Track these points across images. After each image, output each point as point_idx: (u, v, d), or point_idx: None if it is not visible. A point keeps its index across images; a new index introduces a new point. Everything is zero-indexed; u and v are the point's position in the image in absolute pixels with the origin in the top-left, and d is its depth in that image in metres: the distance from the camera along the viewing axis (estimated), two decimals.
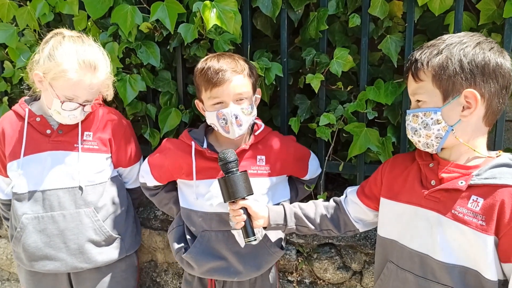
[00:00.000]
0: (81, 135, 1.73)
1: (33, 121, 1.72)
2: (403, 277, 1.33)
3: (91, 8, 1.85)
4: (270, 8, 1.77)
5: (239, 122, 1.56)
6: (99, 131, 1.77)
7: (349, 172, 1.87)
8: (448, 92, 1.22)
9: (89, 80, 1.60)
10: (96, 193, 1.75)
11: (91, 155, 1.74)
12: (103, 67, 1.65)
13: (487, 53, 1.20)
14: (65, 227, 1.71)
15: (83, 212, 1.72)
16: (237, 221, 1.49)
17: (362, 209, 1.52)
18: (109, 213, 1.79)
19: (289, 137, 1.77)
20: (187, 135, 1.67)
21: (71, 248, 1.72)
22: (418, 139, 1.30)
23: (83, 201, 1.72)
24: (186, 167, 1.64)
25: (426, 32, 1.77)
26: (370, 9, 1.66)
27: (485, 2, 1.59)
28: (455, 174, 1.26)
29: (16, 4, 2.04)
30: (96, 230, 1.74)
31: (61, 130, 1.73)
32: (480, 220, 1.18)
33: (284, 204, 1.59)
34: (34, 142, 1.71)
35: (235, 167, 1.46)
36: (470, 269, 1.21)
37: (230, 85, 1.53)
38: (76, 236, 1.72)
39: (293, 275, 1.96)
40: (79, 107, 1.65)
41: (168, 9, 1.76)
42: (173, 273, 2.13)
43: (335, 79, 1.77)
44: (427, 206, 1.28)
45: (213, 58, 1.58)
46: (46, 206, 1.70)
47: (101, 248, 1.77)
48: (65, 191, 1.70)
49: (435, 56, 1.22)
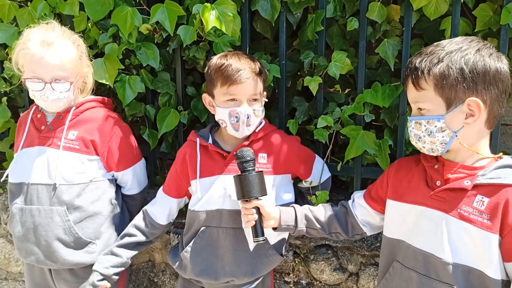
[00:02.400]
0: (65, 133, 1.74)
1: (35, 117, 1.80)
2: (407, 275, 1.34)
3: (91, 10, 1.86)
4: (269, 12, 1.79)
5: (249, 123, 1.58)
6: (84, 131, 1.76)
7: (346, 174, 1.89)
8: (451, 100, 1.23)
9: (45, 54, 1.63)
10: (71, 193, 1.73)
11: (71, 154, 1.73)
12: (62, 45, 1.67)
13: (487, 59, 1.22)
14: (39, 222, 1.72)
15: (55, 209, 1.72)
16: (248, 220, 1.49)
17: (369, 213, 1.54)
18: (85, 216, 1.76)
19: (293, 137, 1.77)
20: (193, 134, 1.71)
21: (41, 244, 1.73)
22: (422, 145, 1.33)
23: (57, 199, 1.72)
24: (191, 165, 1.66)
25: (423, 36, 1.79)
26: (368, 13, 1.68)
27: (482, 8, 1.61)
28: (460, 175, 1.28)
29: (17, 5, 2.05)
30: (66, 230, 1.72)
31: (52, 126, 1.77)
32: (485, 219, 1.20)
33: (294, 206, 1.60)
34: (30, 136, 1.79)
35: (252, 167, 1.47)
36: (474, 269, 1.23)
37: (248, 85, 1.55)
38: (46, 233, 1.72)
39: (290, 276, 1.98)
40: (45, 86, 1.65)
41: (168, 11, 1.77)
42: (170, 273, 2.14)
43: (333, 81, 1.79)
44: (432, 206, 1.30)
45: (233, 56, 1.59)
46: (27, 199, 1.74)
47: (70, 249, 1.74)
48: (43, 187, 1.72)
49: (436, 65, 1.23)
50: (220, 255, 1.64)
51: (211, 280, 1.66)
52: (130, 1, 1.91)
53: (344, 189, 2.08)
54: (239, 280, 1.65)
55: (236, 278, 1.64)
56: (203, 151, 1.66)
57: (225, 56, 1.59)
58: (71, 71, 1.70)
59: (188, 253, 1.65)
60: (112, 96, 2.10)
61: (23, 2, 2.04)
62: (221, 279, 1.65)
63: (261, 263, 1.66)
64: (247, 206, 1.48)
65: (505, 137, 2.09)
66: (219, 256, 1.64)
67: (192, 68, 2.04)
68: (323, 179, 1.76)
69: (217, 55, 1.65)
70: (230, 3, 1.71)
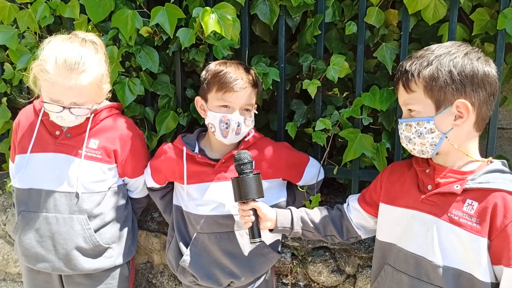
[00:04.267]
0: (87, 141, 1.71)
1: (46, 120, 1.73)
2: (398, 278, 1.36)
3: (92, 12, 1.87)
4: (268, 16, 1.80)
5: (238, 131, 1.61)
6: (106, 140, 1.75)
7: (344, 176, 1.90)
8: (440, 102, 1.26)
9: (68, 82, 1.55)
10: (92, 202, 1.73)
11: (93, 163, 1.72)
12: (89, 69, 1.58)
13: (475, 63, 1.25)
14: (56, 230, 1.70)
15: (76, 218, 1.70)
16: (246, 221, 1.51)
17: (363, 216, 1.56)
18: (104, 223, 1.77)
19: (282, 143, 1.80)
20: (180, 141, 1.72)
21: (59, 252, 1.71)
22: (413, 147, 1.35)
23: (78, 207, 1.71)
24: (178, 171, 1.70)
25: (420, 40, 1.80)
26: (366, 18, 1.70)
27: (478, 12, 1.63)
28: (451, 179, 1.30)
29: (17, 7, 2.06)
30: (86, 239, 1.72)
31: (69, 133, 1.72)
32: (474, 223, 1.23)
33: (291, 208, 1.62)
34: (43, 141, 1.72)
35: (249, 169, 1.49)
36: (464, 272, 1.25)
37: (243, 95, 1.59)
38: (65, 241, 1.70)
39: (288, 277, 1.99)
40: (63, 110, 1.61)
41: (168, 13, 1.78)
42: (169, 275, 2.14)
43: (332, 85, 1.80)
44: (424, 210, 1.32)
45: (232, 64, 1.63)
46: (42, 206, 1.70)
47: (88, 257, 1.75)
48: (61, 194, 1.70)
49: (426, 68, 1.26)
50: (217, 259, 1.67)
51: (214, 285, 1.68)
52: (130, 4, 1.92)
53: (342, 191, 2.09)
54: (239, 282, 1.67)
55: (236, 279, 1.66)
56: (190, 159, 1.68)
57: (224, 64, 1.63)
58: (92, 96, 1.64)
59: (186, 262, 1.68)
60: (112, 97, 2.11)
61: (24, 4, 2.04)
62: (223, 282, 1.67)
63: (258, 262, 1.69)
64: (245, 207, 1.50)
65: (501, 140, 2.11)
66: (217, 260, 1.67)
67: (191, 71, 2.05)
68: (315, 181, 1.78)
69: (216, 61, 1.68)
70: (230, 7, 1.72)
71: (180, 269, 1.73)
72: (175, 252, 1.75)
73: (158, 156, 1.78)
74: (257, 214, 1.52)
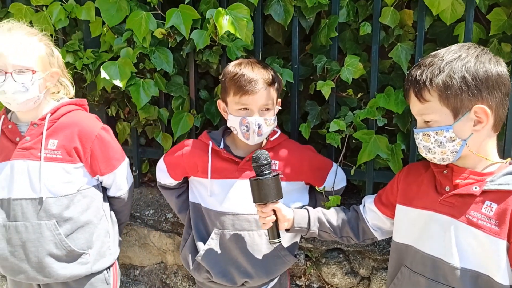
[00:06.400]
0: (45, 142, 1.64)
1: (6, 128, 1.67)
2: (415, 280, 1.35)
3: (107, 15, 1.89)
4: (282, 16, 1.80)
5: (260, 132, 1.60)
6: (65, 139, 1.66)
7: (359, 178, 1.89)
8: (457, 110, 1.23)
9: (2, 37, 1.54)
10: (60, 205, 1.65)
11: (54, 164, 1.64)
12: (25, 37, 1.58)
13: (487, 65, 1.23)
14: (26, 239, 1.63)
15: (44, 224, 1.63)
16: (266, 223, 1.50)
17: (379, 217, 1.54)
18: (76, 227, 1.69)
19: (306, 146, 1.78)
20: (206, 136, 1.72)
21: (31, 261, 1.65)
22: (433, 156, 1.32)
23: (45, 213, 1.63)
24: (201, 165, 1.69)
25: (436, 41, 1.79)
26: (381, 18, 1.69)
27: (496, 12, 1.61)
28: (469, 181, 1.28)
29: (33, 9, 2.08)
30: (57, 244, 1.65)
31: (28, 137, 1.65)
32: (493, 225, 1.21)
33: (308, 208, 1.61)
34: (5, 150, 1.66)
35: (268, 170, 1.46)
36: (482, 274, 1.23)
37: (260, 96, 1.57)
38: (36, 249, 1.64)
39: (302, 279, 1.98)
40: (6, 76, 1.53)
41: (183, 15, 1.79)
42: (182, 275, 2.15)
43: (345, 86, 1.79)
44: (441, 211, 1.30)
45: (247, 65, 1.61)
46: (11, 215, 1.64)
47: (62, 263, 1.67)
48: (27, 201, 1.63)
49: (438, 75, 1.23)
50: (234, 257, 1.67)
51: (228, 283, 1.68)
52: (144, 6, 1.93)
53: (356, 193, 2.08)
54: (253, 282, 1.67)
55: (250, 279, 1.66)
56: (214, 154, 1.68)
57: (239, 65, 1.61)
58: (33, 63, 1.59)
59: (201, 256, 1.68)
60: (126, 99, 2.12)
61: (39, 6, 2.07)
62: (237, 281, 1.67)
63: (274, 264, 1.68)
64: (265, 210, 1.49)
65: None
66: (233, 258, 1.67)
67: (205, 72, 2.06)
68: (337, 187, 1.76)
69: (232, 62, 1.67)
70: (244, 7, 1.72)
71: (195, 265, 1.72)
72: (191, 249, 1.74)
73: (174, 152, 1.77)
74: (276, 215, 1.51)
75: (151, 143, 2.26)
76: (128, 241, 2.18)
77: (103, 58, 2.00)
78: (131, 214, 2.19)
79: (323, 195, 1.73)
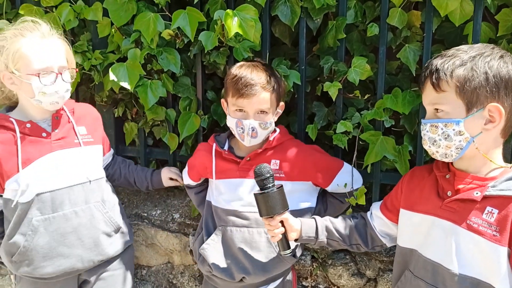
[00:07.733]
0: (77, 129, 1.77)
1: (24, 128, 1.66)
2: (416, 284, 1.34)
3: (115, 15, 1.90)
4: (289, 17, 1.80)
5: (254, 134, 1.63)
6: (89, 126, 1.83)
7: (365, 180, 1.88)
8: (472, 104, 1.21)
9: (41, 40, 1.61)
10: (101, 187, 1.82)
11: (92, 148, 1.80)
12: (46, 27, 1.67)
13: (510, 67, 1.21)
14: (78, 224, 1.73)
15: (93, 206, 1.77)
16: (275, 235, 1.50)
17: (386, 223, 1.53)
18: (112, 205, 1.86)
19: (311, 146, 1.78)
20: (212, 138, 1.79)
21: (86, 243, 1.75)
22: (436, 150, 1.29)
23: (92, 195, 1.77)
24: (209, 167, 1.76)
25: (444, 42, 1.78)
26: (389, 19, 1.68)
27: (504, 13, 1.59)
28: (471, 186, 1.26)
29: (43, 10, 2.10)
30: (107, 222, 1.80)
31: (56, 128, 1.71)
32: (494, 231, 1.19)
33: (315, 217, 1.61)
34: (36, 147, 1.66)
35: (271, 183, 1.46)
36: (482, 282, 1.21)
37: (256, 100, 1.60)
38: (89, 231, 1.75)
39: (308, 280, 1.98)
40: (57, 77, 1.61)
41: (189, 17, 1.80)
42: (189, 275, 2.16)
43: (353, 87, 1.79)
44: (443, 216, 1.29)
45: (247, 68, 1.63)
46: (55, 206, 1.68)
47: (111, 238, 1.83)
48: (74, 188, 1.72)
49: (459, 67, 1.21)
50: (234, 253, 1.70)
51: (227, 277, 1.70)
52: (152, 7, 1.94)
53: None
54: (251, 279, 1.69)
55: (248, 275, 1.68)
56: (218, 155, 1.75)
57: (240, 67, 1.64)
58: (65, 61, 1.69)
59: (205, 250, 1.73)
60: (134, 100, 2.14)
61: (49, 7, 2.09)
62: (236, 276, 1.70)
63: (272, 263, 1.70)
64: (273, 223, 1.49)
65: None
66: (233, 254, 1.71)
67: (212, 73, 2.07)
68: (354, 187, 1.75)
69: (236, 64, 1.70)
70: (251, 8, 1.72)
71: (201, 258, 1.77)
72: (201, 243, 1.79)
73: (194, 154, 1.88)
74: (284, 226, 1.52)
75: (159, 143, 2.28)
76: (135, 241, 2.20)
77: (110, 59, 2.02)
78: (139, 214, 2.21)
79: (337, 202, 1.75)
